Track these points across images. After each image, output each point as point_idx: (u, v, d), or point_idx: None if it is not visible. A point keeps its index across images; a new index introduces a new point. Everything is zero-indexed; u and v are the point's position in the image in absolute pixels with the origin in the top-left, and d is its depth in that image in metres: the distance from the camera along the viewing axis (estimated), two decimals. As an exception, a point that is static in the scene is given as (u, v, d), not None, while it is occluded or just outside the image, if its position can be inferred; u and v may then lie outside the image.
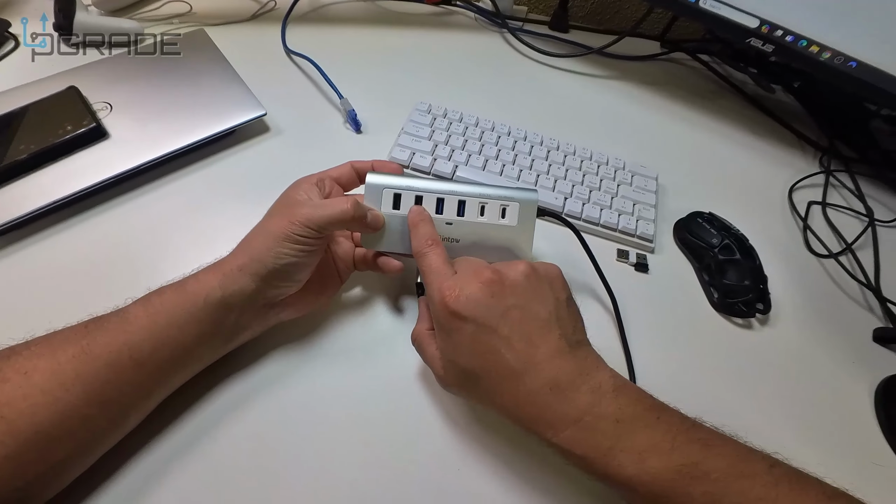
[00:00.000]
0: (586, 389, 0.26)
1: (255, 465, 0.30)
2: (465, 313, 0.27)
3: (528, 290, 0.28)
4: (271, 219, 0.31)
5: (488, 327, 0.27)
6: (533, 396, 0.26)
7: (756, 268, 0.42)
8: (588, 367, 0.27)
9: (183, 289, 0.29)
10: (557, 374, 0.26)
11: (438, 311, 0.28)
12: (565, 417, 0.26)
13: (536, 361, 0.27)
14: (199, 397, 0.32)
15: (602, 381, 0.27)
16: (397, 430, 0.32)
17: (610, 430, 0.25)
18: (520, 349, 0.27)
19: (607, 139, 0.53)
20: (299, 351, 0.35)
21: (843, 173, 0.55)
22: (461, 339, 0.28)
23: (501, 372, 0.27)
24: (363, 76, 0.53)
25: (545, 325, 0.27)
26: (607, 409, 0.26)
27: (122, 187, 0.41)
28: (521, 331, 0.27)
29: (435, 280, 0.29)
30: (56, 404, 0.25)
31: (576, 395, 0.26)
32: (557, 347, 0.27)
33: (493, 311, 0.27)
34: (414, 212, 0.33)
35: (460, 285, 0.28)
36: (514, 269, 0.29)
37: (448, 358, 0.29)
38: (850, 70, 0.46)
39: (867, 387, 0.40)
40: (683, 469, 0.24)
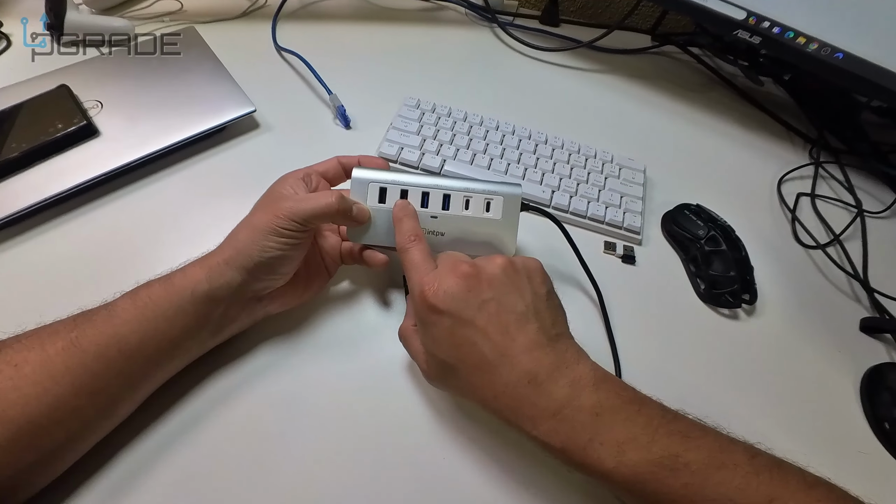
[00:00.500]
0: (565, 382, 0.26)
1: (244, 456, 0.31)
2: (442, 307, 0.28)
3: (505, 283, 0.28)
4: (256, 213, 0.31)
5: (465, 320, 0.27)
6: (510, 389, 0.27)
7: (742, 258, 0.42)
8: (567, 360, 0.27)
9: (170, 282, 0.29)
10: (535, 367, 0.26)
11: (418, 305, 0.29)
12: (544, 410, 0.26)
13: (513, 354, 0.27)
14: (189, 389, 0.32)
15: (582, 373, 0.27)
16: (384, 421, 0.33)
17: (589, 422, 0.25)
18: (496, 341, 0.27)
19: (596, 133, 0.53)
20: (287, 343, 0.35)
21: (833, 165, 0.55)
22: (439, 333, 0.28)
23: (479, 364, 0.27)
24: (353, 72, 0.53)
25: (522, 318, 0.27)
26: (586, 402, 0.26)
27: (112, 184, 0.41)
28: (498, 323, 0.27)
29: (415, 275, 0.30)
30: (46, 395, 0.25)
31: (554, 388, 0.26)
32: (535, 340, 0.27)
33: (469, 304, 0.28)
34: (398, 206, 0.33)
35: (438, 280, 0.28)
36: (492, 262, 0.29)
37: (429, 351, 0.30)
38: (836, 61, 0.46)
39: (853, 376, 0.40)
40: (663, 461, 0.24)
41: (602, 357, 0.37)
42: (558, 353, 0.27)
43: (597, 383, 0.26)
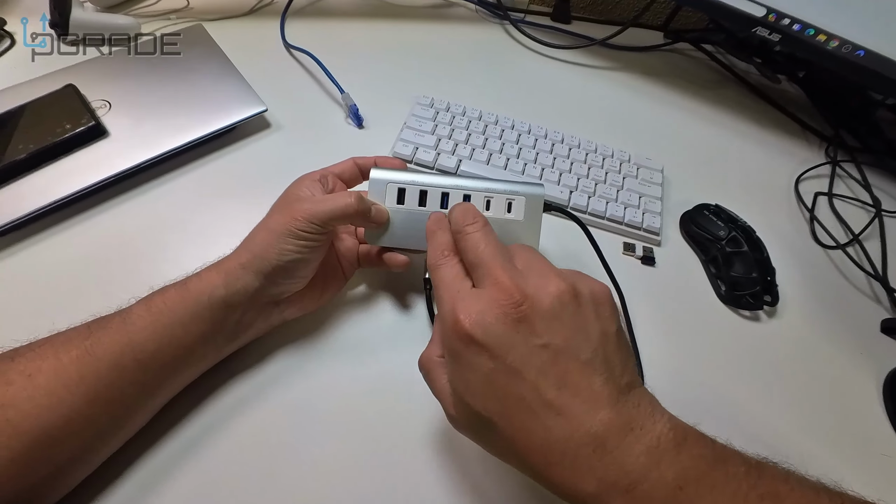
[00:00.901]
0: (641, 449, 0.21)
1: (261, 465, 0.30)
2: (482, 340, 0.22)
3: (565, 321, 0.22)
4: (274, 215, 0.31)
5: (511, 368, 0.22)
6: (569, 458, 0.21)
7: (763, 260, 0.42)
8: (641, 419, 0.21)
9: (186, 288, 0.29)
10: (602, 430, 0.21)
11: (450, 334, 0.23)
12: (614, 486, 0.20)
13: (573, 413, 0.21)
14: (205, 397, 0.32)
15: (660, 434, 0.21)
16: (401, 429, 0.32)
17: (670, 497, 0.20)
18: (551, 398, 0.21)
19: (611, 131, 0.52)
20: (303, 349, 0.34)
21: (849, 163, 0.55)
22: (475, 377, 0.23)
23: (526, 424, 0.22)
24: (363, 70, 0.52)
25: (586, 367, 0.22)
26: (667, 474, 0.20)
27: (122, 186, 0.40)
28: (555, 374, 0.22)
29: (448, 296, 0.24)
30: (60, 406, 0.25)
31: (626, 457, 0.20)
32: (602, 395, 0.21)
33: (517, 346, 0.22)
34: (432, 219, 0.30)
35: (479, 306, 0.23)
36: (546, 291, 0.23)
37: (458, 395, 0.24)
38: (857, 59, 0.46)
39: (875, 378, 0.40)
40: None
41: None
42: (630, 408, 0.21)
43: (678, 447, 0.21)
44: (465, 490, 0.31)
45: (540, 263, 0.25)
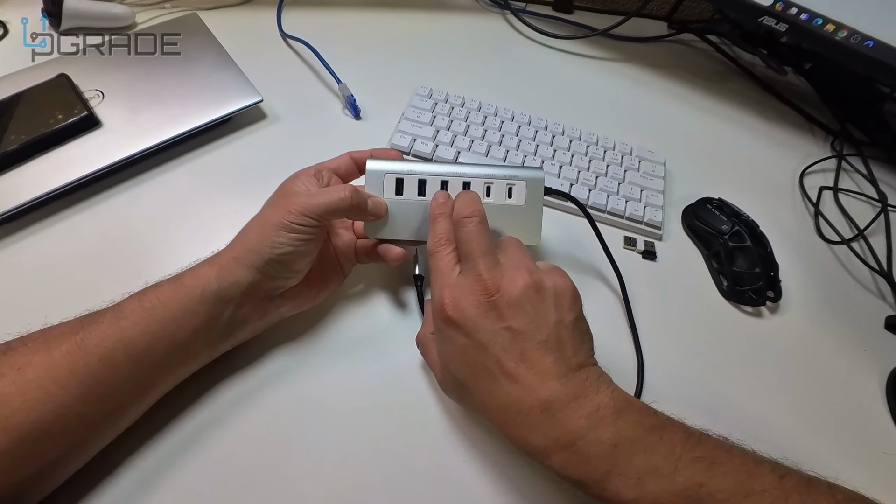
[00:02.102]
0: (581, 413, 0.25)
1: (259, 462, 0.30)
2: (458, 323, 0.27)
3: (528, 309, 0.26)
4: (268, 209, 0.30)
5: (480, 344, 0.26)
6: (522, 417, 0.25)
7: (767, 255, 0.41)
8: (587, 390, 0.25)
9: (179, 282, 0.28)
10: (549, 397, 0.25)
11: (436, 314, 0.28)
12: (557, 441, 0.25)
13: (527, 382, 0.25)
14: (201, 394, 0.31)
15: (601, 403, 0.25)
16: (403, 423, 0.32)
17: (606, 454, 0.24)
18: (510, 368, 0.26)
19: (613, 123, 0.52)
20: (301, 347, 0.34)
21: (856, 157, 0.54)
22: (453, 348, 0.28)
23: (490, 389, 0.26)
24: (361, 60, 0.52)
25: (541, 347, 0.26)
26: (604, 434, 0.24)
27: (116, 177, 0.40)
28: (515, 350, 0.26)
29: (438, 282, 0.29)
30: (50, 400, 0.24)
31: (568, 419, 0.25)
32: (552, 370, 0.26)
33: (486, 328, 0.26)
34: (435, 204, 0.31)
35: (460, 294, 0.27)
36: (515, 284, 0.27)
37: (443, 364, 0.29)
38: (866, 50, 0.45)
39: (878, 375, 0.39)
40: (686, 492, 0.23)
41: (625, 355, 0.37)
42: (577, 382, 0.26)
43: (617, 413, 0.25)
44: (462, 485, 0.30)
45: (518, 259, 0.28)
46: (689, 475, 0.23)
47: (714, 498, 0.23)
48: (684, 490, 0.23)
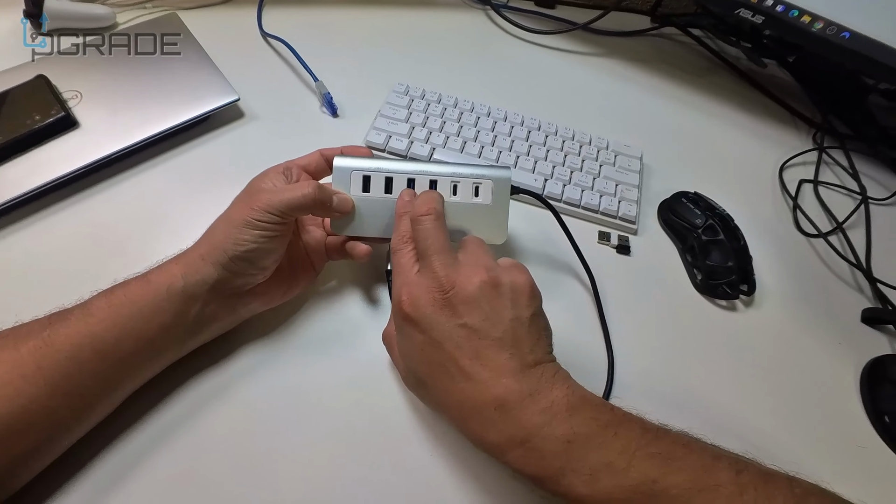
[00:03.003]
0: (536, 410, 0.25)
1: (229, 457, 0.30)
2: (415, 320, 0.27)
3: (483, 306, 0.26)
4: (234, 206, 0.30)
5: (435, 340, 0.26)
6: (478, 414, 0.26)
7: (740, 248, 0.41)
8: (541, 387, 0.25)
9: (147, 280, 0.29)
10: (504, 394, 0.25)
11: (395, 311, 0.29)
12: (512, 438, 0.25)
13: (481, 379, 0.25)
14: (172, 391, 0.32)
15: (555, 399, 0.25)
16: (371, 420, 0.32)
17: (560, 450, 0.24)
18: (464, 365, 0.26)
19: (592, 118, 0.52)
20: (272, 343, 0.34)
21: (837, 150, 0.53)
22: (411, 345, 0.28)
23: (447, 386, 0.26)
24: (341, 58, 0.52)
25: (496, 344, 0.26)
26: (557, 430, 0.24)
27: (93, 178, 0.40)
28: (469, 348, 0.26)
29: (398, 279, 0.29)
30: (18, 396, 0.25)
31: (522, 416, 0.25)
32: (507, 367, 0.26)
33: (441, 326, 0.26)
34: (400, 202, 0.32)
35: (416, 292, 0.27)
36: (471, 281, 0.27)
37: (404, 360, 0.29)
38: (843, 41, 0.45)
39: (853, 368, 0.39)
40: (640, 487, 0.23)
41: (596, 351, 0.37)
42: (532, 379, 0.26)
43: (571, 409, 0.25)
44: (428, 477, 0.31)
45: (477, 256, 0.29)
46: (643, 470, 0.23)
47: (668, 493, 0.23)
48: (638, 485, 0.23)
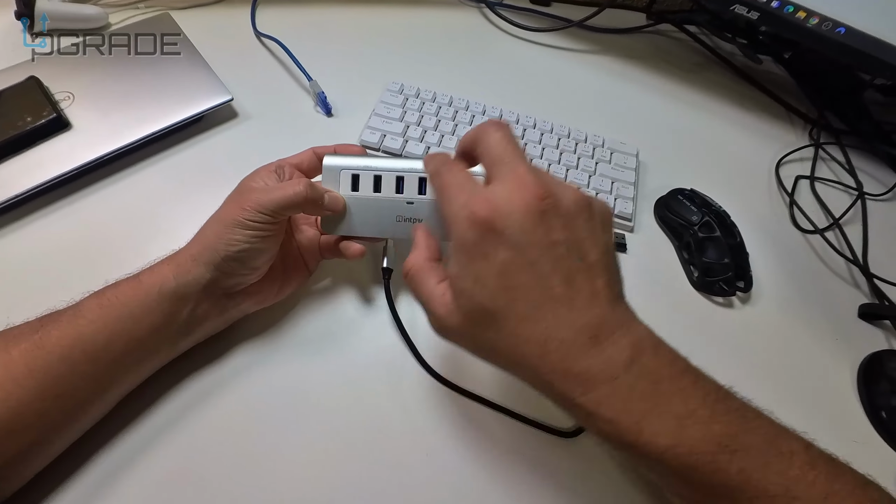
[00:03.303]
0: (626, 343, 0.22)
1: (225, 457, 0.30)
2: (502, 229, 0.22)
3: (580, 224, 0.23)
4: (224, 206, 0.30)
5: (526, 260, 0.22)
6: (565, 346, 0.22)
7: (737, 245, 0.41)
8: (628, 320, 0.24)
9: (138, 281, 0.28)
10: (599, 323, 0.22)
11: (464, 229, 0.23)
12: (600, 373, 0.22)
13: (577, 307, 0.22)
14: (167, 390, 0.31)
15: (641, 336, 0.23)
16: (366, 419, 0.32)
17: (648, 392, 0.22)
18: (559, 292, 0.22)
19: (588, 116, 0.51)
20: (266, 343, 0.34)
21: (834, 146, 0.53)
22: (488, 267, 0.23)
23: (530, 314, 0.22)
24: (335, 57, 0.52)
25: (592, 269, 0.23)
26: (647, 367, 0.22)
27: (86, 179, 0.40)
28: (564, 270, 0.22)
29: (458, 193, 0.24)
30: (8, 399, 0.25)
31: (614, 349, 0.22)
32: (602, 295, 0.23)
33: (536, 239, 0.22)
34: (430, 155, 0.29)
35: (501, 198, 0.23)
36: (566, 193, 0.23)
37: (463, 290, 0.24)
38: (838, 37, 0.44)
39: (850, 364, 0.39)
40: (722, 440, 0.21)
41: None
42: (621, 311, 0.24)
43: (656, 348, 0.23)
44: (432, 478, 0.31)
45: (555, 177, 0.25)
46: (724, 423, 0.22)
47: (747, 452, 0.21)
48: (720, 438, 0.21)
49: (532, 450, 0.32)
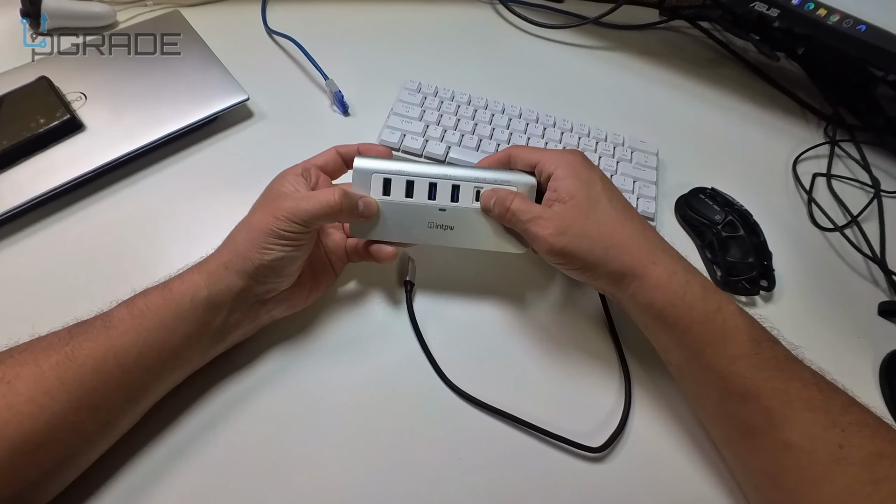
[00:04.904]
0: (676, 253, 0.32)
1: (255, 465, 0.30)
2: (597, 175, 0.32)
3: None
4: (256, 213, 0.30)
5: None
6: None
7: (760, 244, 0.41)
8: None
9: (168, 290, 0.28)
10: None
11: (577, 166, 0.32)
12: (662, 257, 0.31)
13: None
14: (197, 398, 0.31)
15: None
16: (396, 422, 0.32)
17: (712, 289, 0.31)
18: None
19: (605, 114, 0.51)
20: (295, 348, 0.34)
21: (849, 143, 0.53)
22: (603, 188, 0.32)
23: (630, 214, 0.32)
24: (349, 55, 0.51)
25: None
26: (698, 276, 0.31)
27: (100, 182, 0.39)
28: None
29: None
30: (42, 412, 0.24)
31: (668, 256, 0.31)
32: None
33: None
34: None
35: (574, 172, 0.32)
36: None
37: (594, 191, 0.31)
38: (859, 34, 0.44)
39: (872, 361, 0.39)
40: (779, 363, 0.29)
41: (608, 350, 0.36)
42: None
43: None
44: (457, 481, 0.30)
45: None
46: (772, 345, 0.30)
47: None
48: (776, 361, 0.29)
49: (558, 466, 0.32)
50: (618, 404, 0.34)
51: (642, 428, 0.34)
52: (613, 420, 0.33)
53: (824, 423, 0.26)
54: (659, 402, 0.35)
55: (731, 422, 0.29)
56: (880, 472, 0.25)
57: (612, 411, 0.34)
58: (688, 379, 0.32)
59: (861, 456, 0.25)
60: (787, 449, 0.27)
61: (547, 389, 0.34)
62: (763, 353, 0.29)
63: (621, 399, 0.34)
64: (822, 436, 0.26)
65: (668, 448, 0.33)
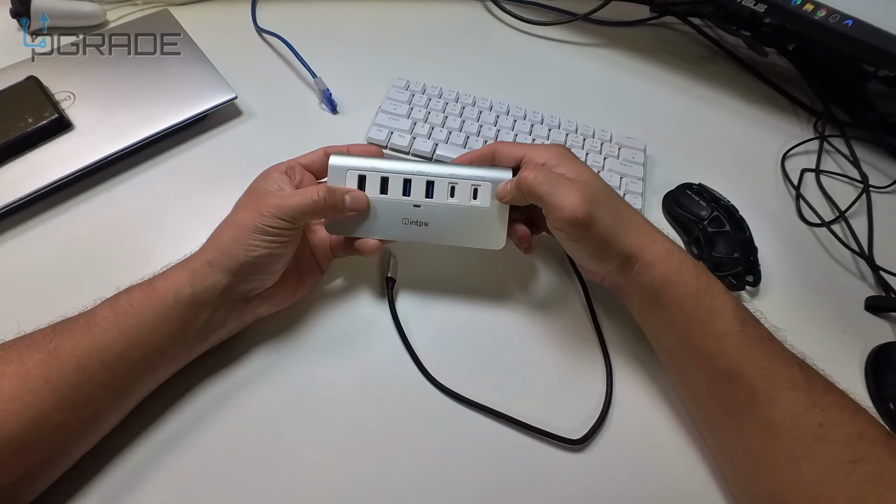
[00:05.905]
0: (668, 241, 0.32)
1: (242, 462, 0.30)
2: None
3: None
4: (240, 210, 0.30)
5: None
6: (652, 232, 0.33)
7: (746, 239, 0.41)
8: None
9: (152, 287, 0.28)
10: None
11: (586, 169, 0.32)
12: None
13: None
14: (183, 395, 0.31)
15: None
16: (381, 418, 0.32)
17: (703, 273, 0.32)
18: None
19: (594, 110, 0.51)
20: (281, 345, 0.34)
21: (838, 139, 0.53)
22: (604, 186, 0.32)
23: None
24: (339, 53, 0.51)
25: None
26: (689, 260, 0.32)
27: (89, 181, 0.39)
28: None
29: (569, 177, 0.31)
30: (26, 410, 0.24)
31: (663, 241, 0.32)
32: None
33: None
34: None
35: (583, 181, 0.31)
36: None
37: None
38: (846, 29, 0.44)
39: (858, 356, 0.40)
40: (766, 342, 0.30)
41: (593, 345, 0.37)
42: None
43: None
44: (442, 476, 0.31)
45: None
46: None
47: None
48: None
49: (541, 459, 0.32)
50: (602, 398, 0.34)
51: (624, 420, 0.34)
52: (597, 413, 0.34)
53: (806, 402, 0.27)
54: (640, 395, 0.35)
55: (717, 401, 0.30)
56: (860, 452, 0.25)
57: (597, 405, 0.34)
58: (677, 361, 0.32)
59: (841, 435, 0.26)
60: (769, 427, 0.27)
61: (531, 384, 0.35)
62: (748, 331, 0.29)
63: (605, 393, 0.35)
64: (804, 414, 0.26)
65: (649, 439, 0.34)
